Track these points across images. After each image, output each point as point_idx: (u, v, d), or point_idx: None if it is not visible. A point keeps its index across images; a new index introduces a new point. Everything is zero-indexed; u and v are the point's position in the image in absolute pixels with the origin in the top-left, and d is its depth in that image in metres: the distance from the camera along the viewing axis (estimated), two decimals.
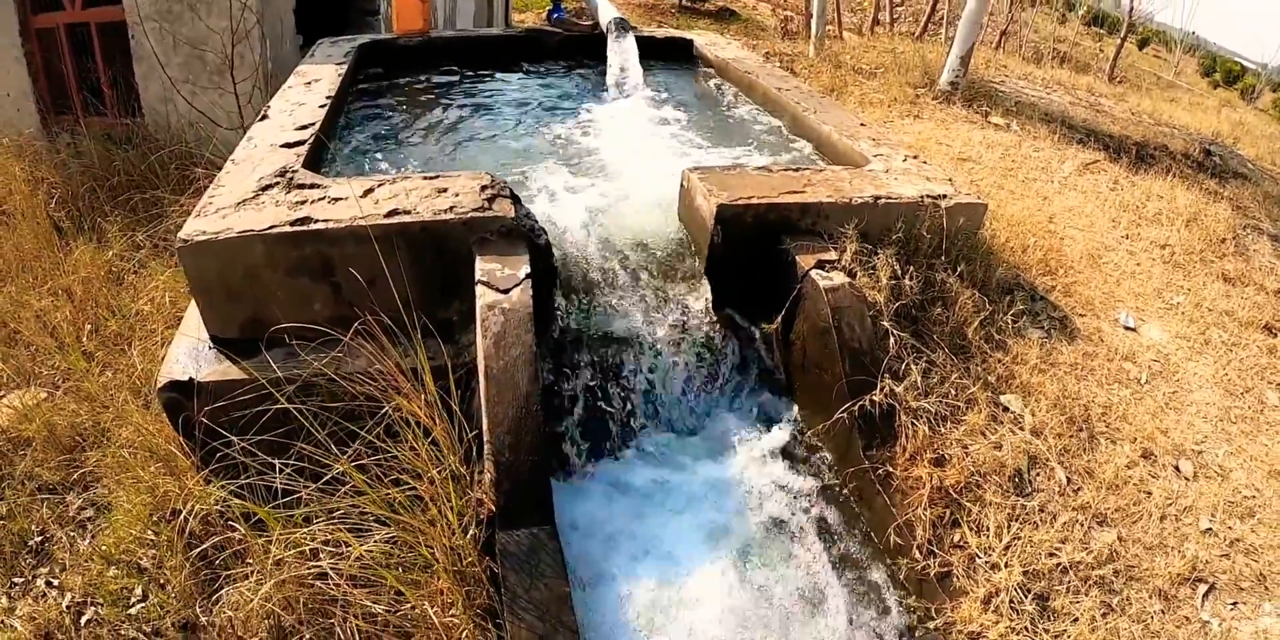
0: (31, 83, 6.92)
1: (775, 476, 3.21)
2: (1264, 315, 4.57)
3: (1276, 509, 3.25)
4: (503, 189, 3.21)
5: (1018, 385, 3.47)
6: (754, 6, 25.33)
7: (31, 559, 3.20)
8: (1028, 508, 2.98)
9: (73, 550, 3.18)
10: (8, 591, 3.07)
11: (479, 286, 2.87)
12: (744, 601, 2.77)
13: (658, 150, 4.62)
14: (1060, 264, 4.60)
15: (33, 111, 7.00)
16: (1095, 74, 16.25)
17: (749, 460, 3.27)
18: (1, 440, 3.69)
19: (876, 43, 11.85)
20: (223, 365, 2.97)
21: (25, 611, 2.95)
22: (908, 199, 3.56)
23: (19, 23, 6.72)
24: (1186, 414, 3.68)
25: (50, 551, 3.22)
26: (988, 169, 6.15)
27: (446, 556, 2.47)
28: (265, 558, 2.60)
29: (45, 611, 2.93)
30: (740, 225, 3.36)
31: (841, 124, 4.51)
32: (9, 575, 3.12)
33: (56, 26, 6.79)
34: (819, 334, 3.23)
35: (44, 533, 3.29)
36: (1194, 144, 8.38)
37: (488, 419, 2.63)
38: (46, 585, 3.08)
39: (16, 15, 6.68)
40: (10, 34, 6.73)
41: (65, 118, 7.04)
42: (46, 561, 3.18)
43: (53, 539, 3.26)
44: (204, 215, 3.00)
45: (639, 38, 5.90)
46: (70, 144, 6.23)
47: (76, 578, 3.06)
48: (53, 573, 3.13)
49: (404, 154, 4.37)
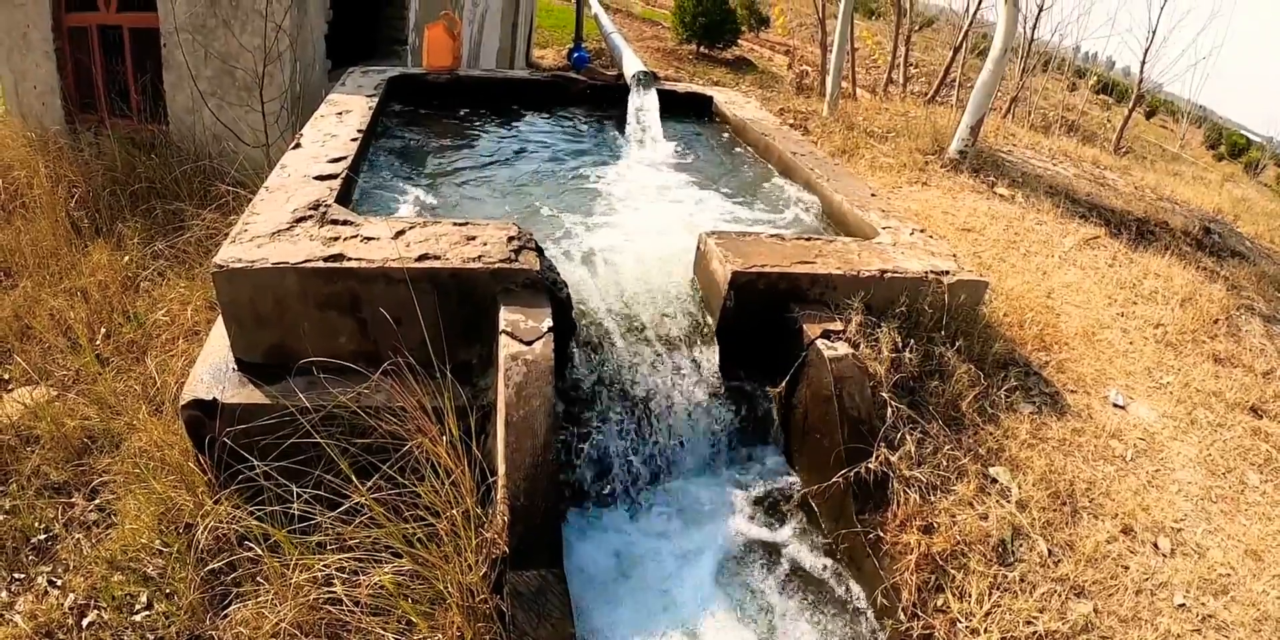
0: (59, 79, 7.04)
1: (771, 534, 3.33)
2: (1250, 397, 4.60)
3: (1250, 587, 3.29)
4: (529, 241, 3.35)
5: (1007, 458, 3.57)
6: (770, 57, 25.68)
7: (34, 556, 3.25)
8: (1009, 577, 3.06)
9: (78, 552, 3.22)
10: (8, 586, 3.12)
11: (503, 336, 2.99)
12: None
13: (674, 207, 4.76)
14: (1055, 340, 4.69)
15: (58, 107, 7.12)
16: (1102, 144, 16.45)
17: (746, 518, 3.39)
18: (10, 435, 3.75)
19: (889, 104, 12.00)
20: (246, 389, 3.08)
21: (27, 608, 3.00)
22: (913, 274, 3.71)
23: (52, 19, 6.83)
24: (1168, 492, 3.73)
25: (54, 551, 3.26)
26: (990, 241, 6.24)
27: (459, 592, 2.58)
28: (281, 579, 2.70)
29: (47, 610, 2.98)
30: (752, 291, 3.51)
31: (852, 193, 4.68)
32: (11, 570, 3.18)
33: (89, 26, 6.90)
34: (821, 401, 3.37)
35: (49, 532, 3.34)
36: (1194, 221, 8.44)
37: (505, 464, 2.75)
38: (49, 584, 3.13)
39: (50, 12, 6.79)
40: (43, 29, 6.85)
41: (90, 116, 7.13)
42: (49, 560, 3.23)
43: (57, 539, 3.31)
44: (239, 242, 3.13)
45: (660, 91, 6.09)
46: (93, 143, 6.31)
47: (80, 579, 3.11)
48: (55, 572, 3.18)
49: (428, 192, 4.50)
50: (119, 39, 6.89)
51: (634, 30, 26.69)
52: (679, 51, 23.72)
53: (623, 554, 3.20)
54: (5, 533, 3.31)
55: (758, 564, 3.22)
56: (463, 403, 3.01)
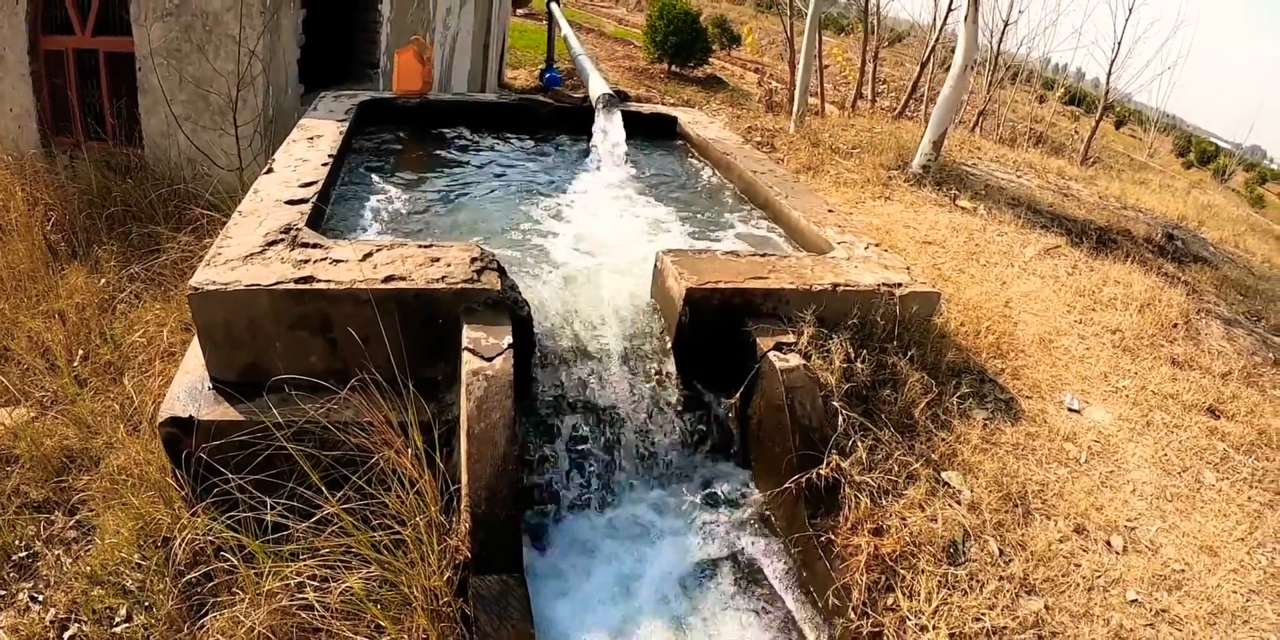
0: (35, 101, 7.10)
1: (726, 538, 3.46)
2: (1208, 398, 4.65)
3: (1205, 582, 3.36)
4: (491, 262, 3.48)
5: (959, 463, 3.67)
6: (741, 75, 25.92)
7: (15, 573, 3.32)
8: (958, 576, 3.15)
9: (58, 568, 3.29)
10: None
11: (465, 353, 3.12)
12: None
13: (635, 227, 4.90)
14: (1011, 348, 4.77)
15: (34, 130, 7.18)
16: (1069, 155, 16.57)
17: (703, 523, 3.51)
18: None
19: (856, 121, 12.15)
20: (221, 406, 3.19)
21: (8, 623, 3.07)
22: (865, 287, 3.86)
23: (28, 42, 6.91)
24: (1122, 492, 3.80)
25: (35, 568, 3.33)
26: (951, 253, 6.32)
27: (424, 596, 2.70)
28: (256, 586, 2.81)
29: (29, 625, 3.05)
30: (707, 307, 3.65)
31: (810, 210, 4.83)
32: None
33: (65, 50, 6.99)
34: (774, 410, 3.51)
35: (29, 549, 3.41)
36: (1157, 228, 8.55)
37: (467, 474, 2.87)
38: (30, 599, 3.20)
39: (27, 35, 6.88)
40: (19, 52, 6.93)
41: (65, 139, 7.21)
42: (30, 577, 3.30)
43: (38, 556, 3.37)
44: (213, 265, 3.25)
45: (625, 113, 6.25)
46: (69, 166, 6.39)
47: (60, 595, 3.18)
48: (36, 587, 3.25)
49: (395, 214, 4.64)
50: (95, 63, 6.97)
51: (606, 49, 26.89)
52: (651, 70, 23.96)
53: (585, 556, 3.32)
54: None
55: (714, 567, 3.34)
56: (428, 417, 3.14)
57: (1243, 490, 3.95)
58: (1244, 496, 3.90)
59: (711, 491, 3.67)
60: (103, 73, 6.98)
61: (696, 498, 3.61)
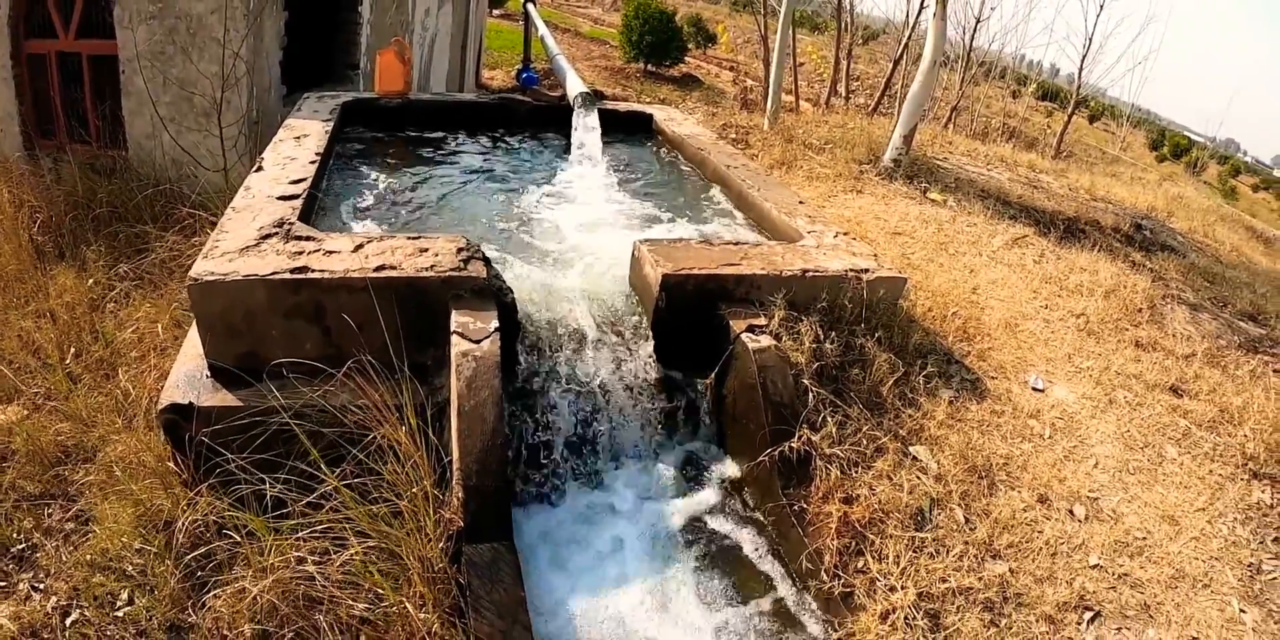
0: (18, 105, 7.13)
1: (705, 509, 3.63)
2: (1170, 378, 4.74)
3: (1167, 549, 3.48)
4: (476, 251, 3.64)
5: (926, 437, 3.82)
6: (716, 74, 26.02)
7: (14, 565, 3.39)
8: (925, 541, 3.30)
9: (57, 558, 3.37)
10: None
11: (454, 337, 3.28)
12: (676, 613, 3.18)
13: (611, 220, 5.07)
14: (978, 331, 4.91)
15: (16, 134, 7.20)
16: (1042, 149, 16.66)
17: (683, 494, 3.69)
18: None
19: (830, 117, 12.26)
20: (220, 392, 3.33)
21: (10, 612, 3.14)
22: (833, 272, 4.03)
23: (11, 46, 6.94)
24: (1085, 465, 3.91)
25: (34, 559, 3.40)
26: (920, 243, 6.45)
27: (421, 564, 2.85)
28: (259, 561, 2.94)
29: (31, 612, 3.13)
30: (682, 292, 3.82)
31: (781, 201, 5.01)
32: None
33: (48, 53, 7.02)
34: (747, 389, 3.68)
35: (28, 541, 3.47)
36: (1126, 219, 8.65)
37: (459, 449, 3.03)
38: (31, 589, 3.27)
39: (9, 39, 6.91)
40: (1, 56, 6.95)
41: (49, 142, 7.24)
42: (30, 568, 3.37)
43: (37, 547, 3.44)
44: (211, 257, 3.38)
45: (602, 110, 6.41)
46: (53, 169, 6.42)
47: (61, 583, 3.26)
48: (37, 577, 3.32)
49: (381, 209, 4.78)
50: (78, 66, 7.02)
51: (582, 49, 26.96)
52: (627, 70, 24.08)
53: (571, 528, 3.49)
54: None
55: (692, 536, 3.51)
56: (420, 399, 3.30)
57: (1204, 464, 4.06)
58: (1205, 470, 4.01)
59: (689, 464, 3.84)
60: (86, 76, 7.03)
61: (674, 471, 3.78)
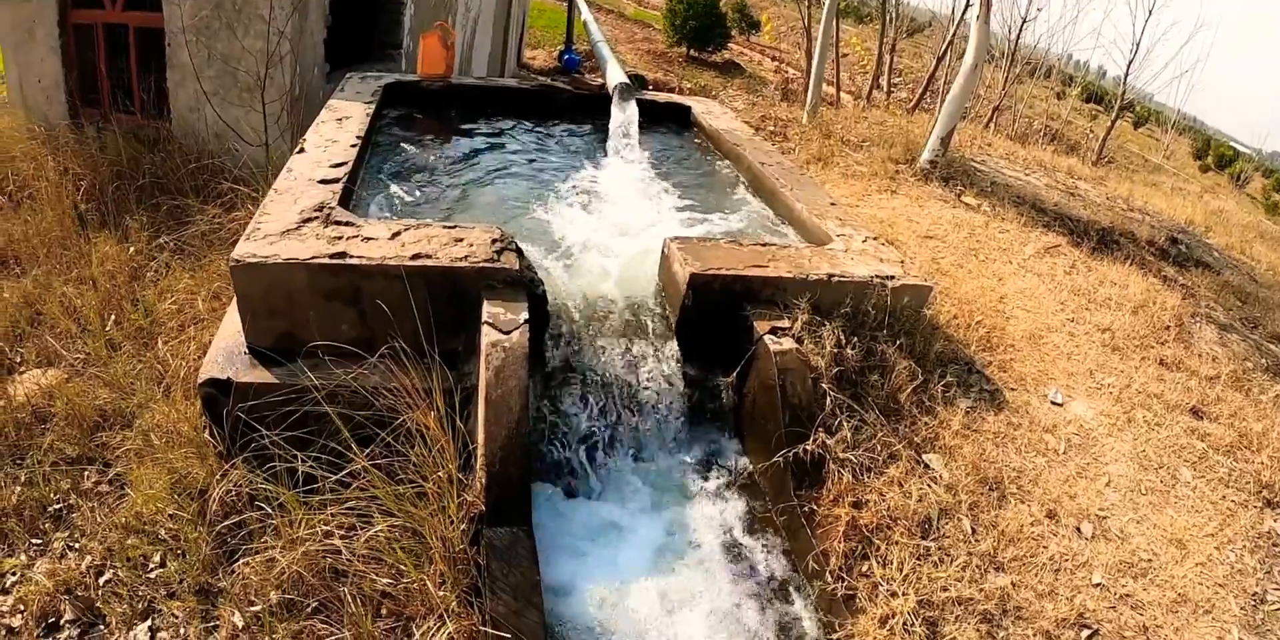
0: (64, 74, 7.22)
1: (720, 505, 3.72)
2: (1192, 399, 4.72)
3: (1171, 573, 3.49)
4: (510, 243, 3.74)
5: (940, 446, 3.86)
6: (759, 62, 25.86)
7: (51, 524, 3.53)
8: (930, 549, 3.36)
9: (92, 519, 3.50)
10: (27, 550, 3.40)
11: (485, 326, 3.38)
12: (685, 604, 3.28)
13: (645, 214, 5.12)
14: (1001, 342, 4.93)
15: (62, 102, 7.31)
16: (1084, 154, 16.47)
17: (699, 490, 3.78)
18: (26, 413, 4.01)
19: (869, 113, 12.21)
20: (257, 369, 3.46)
21: (46, 569, 3.28)
22: (859, 278, 4.09)
23: (58, 15, 7.04)
24: (1097, 483, 3.92)
25: (70, 519, 3.54)
26: (951, 248, 6.44)
27: (443, 544, 2.96)
28: (289, 532, 3.07)
29: (66, 570, 3.27)
30: (709, 292, 3.90)
31: (813, 202, 5.06)
32: (30, 535, 3.46)
33: (95, 24, 7.12)
34: (766, 389, 3.76)
35: (65, 502, 3.61)
36: (1161, 231, 8.58)
37: (484, 436, 3.14)
38: (67, 548, 3.41)
39: (57, 8, 7.00)
40: (49, 25, 7.06)
41: (93, 111, 7.34)
42: (66, 527, 3.51)
43: (73, 508, 3.58)
44: (253, 239, 3.49)
45: (641, 101, 6.45)
46: (97, 137, 6.55)
47: (96, 544, 3.40)
48: (72, 537, 3.46)
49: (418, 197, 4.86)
50: (124, 37, 7.10)
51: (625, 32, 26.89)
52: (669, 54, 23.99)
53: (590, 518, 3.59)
54: (23, 502, 3.57)
55: (706, 531, 3.59)
56: (449, 385, 3.40)
57: (1218, 489, 4.07)
58: (1218, 495, 4.03)
59: (707, 461, 3.93)
60: (132, 47, 7.11)
61: (691, 469, 3.87)
